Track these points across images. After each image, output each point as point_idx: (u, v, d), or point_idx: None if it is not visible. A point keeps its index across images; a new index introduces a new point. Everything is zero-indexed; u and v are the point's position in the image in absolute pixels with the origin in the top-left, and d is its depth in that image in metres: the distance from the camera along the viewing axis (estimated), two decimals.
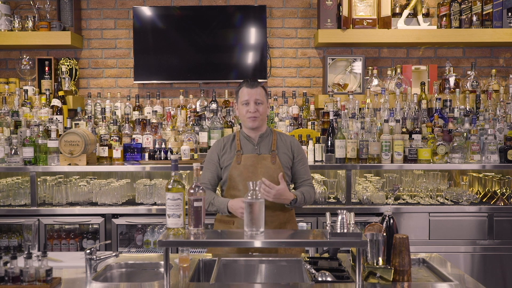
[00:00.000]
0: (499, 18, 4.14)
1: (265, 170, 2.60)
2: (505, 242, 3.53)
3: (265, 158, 2.62)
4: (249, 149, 2.65)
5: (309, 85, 4.48)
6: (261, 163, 2.61)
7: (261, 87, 2.63)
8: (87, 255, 2.10)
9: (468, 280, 2.05)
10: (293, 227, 2.70)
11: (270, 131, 2.73)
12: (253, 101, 2.59)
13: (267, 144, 2.67)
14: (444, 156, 3.66)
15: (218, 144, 2.73)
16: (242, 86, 2.63)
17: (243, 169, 2.60)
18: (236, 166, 2.61)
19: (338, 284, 1.97)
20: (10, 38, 4.17)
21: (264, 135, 2.69)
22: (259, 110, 2.60)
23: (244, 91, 2.61)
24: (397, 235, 1.98)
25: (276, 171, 2.60)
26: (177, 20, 4.34)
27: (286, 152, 2.67)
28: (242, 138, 2.69)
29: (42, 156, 3.70)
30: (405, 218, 3.53)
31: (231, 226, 2.62)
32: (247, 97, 2.59)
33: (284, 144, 2.69)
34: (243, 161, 2.61)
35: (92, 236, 3.73)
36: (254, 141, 2.67)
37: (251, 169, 2.60)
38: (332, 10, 4.16)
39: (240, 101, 2.63)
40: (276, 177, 2.55)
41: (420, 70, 4.37)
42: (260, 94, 2.61)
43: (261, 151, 2.65)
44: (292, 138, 2.76)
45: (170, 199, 1.97)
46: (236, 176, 2.61)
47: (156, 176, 3.96)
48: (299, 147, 2.73)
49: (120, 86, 4.48)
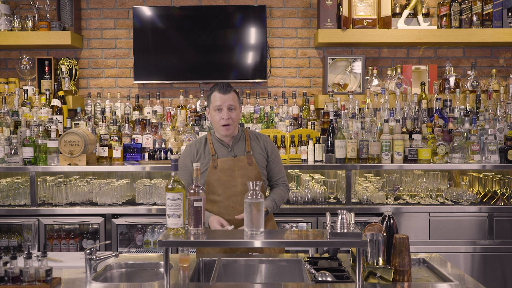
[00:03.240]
0: (499, 18, 4.14)
1: (242, 172, 2.57)
2: (505, 242, 3.53)
3: (241, 160, 2.59)
4: (223, 152, 2.61)
5: (309, 85, 4.48)
6: (238, 165, 2.58)
7: (233, 92, 2.57)
8: (87, 255, 2.10)
9: (468, 280, 2.05)
10: (273, 227, 2.71)
11: (242, 131, 2.69)
12: (226, 107, 2.53)
13: (241, 146, 2.64)
14: (444, 156, 3.65)
15: (189, 150, 2.66)
16: (214, 91, 2.56)
17: (220, 173, 2.56)
18: (213, 171, 2.57)
19: (338, 284, 1.97)
20: (10, 38, 4.17)
21: (237, 137, 2.65)
22: (232, 117, 2.54)
23: (217, 96, 2.54)
24: (397, 235, 1.98)
25: (253, 172, 2.58)
26: (177, 20, 4.33)
27: (261, 152, 2.65)
28: (214, 142, 2.64)
29: (42, 156, 3.70)
30: (405, 218, 3.53)
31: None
32: (219, 103, 2.53)
33: (258, 144, 2.67)
34: (219, 165, 2.57)
35: (92, 236, 3.73)
36: (227, 144, 2.63)
37: (229, 172, 2.56)
38: (332, 10, 4.16)
39: (212, 106, 2.56)
40: (254, 178, 2.53)
41: (420, 70, 4.37)
42: (233, 100, 2.55)
43: (236, 153, 2.61)
44: (265, 137, 2.73)
45: (170, 199, 1.97)
46: (214, 181, 2.57)
47: (156, 176, 3.96)
48: (272, 146, 2.71)
49: (120, 86, 4.48)
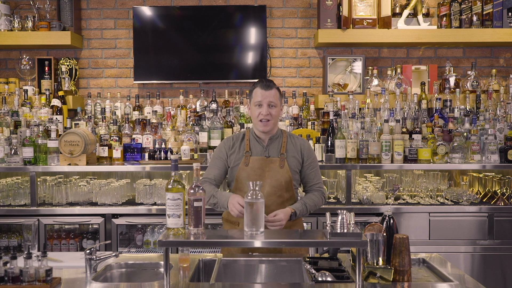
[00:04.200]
0: (499, 18, 4.14)
1: (272, 173, 2.55)
2: (505, 242, 3.53)
3: (274, 162, 2.57)
4: (258, 151, 2.60)
5: (309, 85, 4.48)
6: (269, 167, 2.56)
7: (275, 89, 2.55)
8: (87, 255, 2.10)
9: (468, 280, 2.05)
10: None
11: (281, 132, 2.66)
12: (266, 104, 2.51)
13: (276, 146, 2.61)
14: (444, 156, 3.65)
15: (227, 141, 2.67)
16: (257, 87, 2.55)
17: (250, 171, 2.55)
18: (244, 168, 2.56)
19: (338, 284, 1.97)
20: (10, 38, 4.17)
21: (274, 137, 2.63)
22: (272, 113, 2.53)
23: (258, 92, 2.53)
24: (397, 235, 1.98)
25: (283, 176, 2.55)
26: (177, 20, 4.33)
27: (296, 155, 2.61)
28: (251, 139, 2.63)
29: (42, 156, 3.70)
30: (405, 218, 3.53)
31: (236, 227, 2.59)
32: (260, 99, 2.52)
33: (294, 147, 2.62)
34: (251, 163, 2.56)
35: (92, 236, 3.73)
36: (263, 143, 2.61)
37: (259, 172, 2.55)
38: (332, 10, 4.16)
39: (253, 101, 2.55)
40: (283, 181, 2.53)
41: (420, 70, 4.36)
42: (274, 96, 2.53)
43: (270, 153, 2.59)
44: (303, 141, 2.68)
45: (170, 199, 1.97)
46: (243, 178, 2.56)
47: (156, 176, 3.96)
48: (309, 151, 2.66)
49: (120, 86, 4.48)
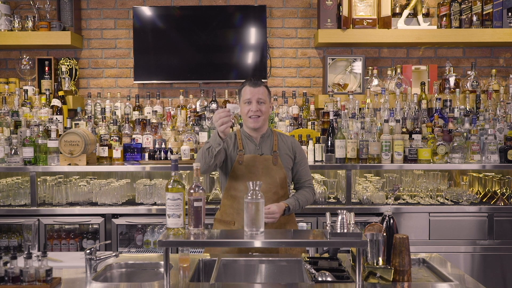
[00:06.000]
0: (499, 18, 4.14)
1: (266, 171, 2.58)
2: (505, 242, 3.53)
3: (267, 159, 2.61)
4: (251, 149, 2.63)
5: (309, 85, 4.48)
6: (263, 164, 2.59)
7: (264, 86, 2.61)
8: (87, 255, 2.10)
9: (468, 280, 2.05)
10: (292, 227, 2.70)
11: (271, 131, 2.71)
12: (256, 100, 2.56)
13: (269, 144, 2.65)
14: (444, 156, 3.65)
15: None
16: (245, 85, 2.61)
17: (244, 169, 2.58)
18: (238, 166, 2.59)
19: (338, 284, 1.97)
20: (10, 38, 4.17)
21: (266, 135, 2.67)
22: (261, 109, 2.58)
23: (247, 89, 2.59)
24: (397, 235, 1.98)
25: (277, 172, 2.59)
26: (177, 20, 4.33)
27: (288, 153, 2.66)
28: (243, 137, 2.67)
29: (42, 156, 3.70)
30: (405, 218, 3.53)
31: (231, 227, 2.60)
32: (249, 96, 2.57)
33: (285, 144, 2.68)
34: (245, 161, 2.59)
35: (92, 236, 3.73)
36: (256, 141, 2.65)
37: (253, 169, 2.58)
38: (332, 10, 4.16)
39: (243, 99, 2.60)
40: (278, 178, 2.57)
41: (420, 70, 4.36)
42: (263, 93, 2.58)
43: (263, 151, 2.63)
44: (293, 139, 2.75)
45: (170, 199, 1.97)
46: (237, 176, 2.59)
47: (156, 176, 3.96)
48: (300, 148, 2.73)
49: (120, 86, 4.48)
